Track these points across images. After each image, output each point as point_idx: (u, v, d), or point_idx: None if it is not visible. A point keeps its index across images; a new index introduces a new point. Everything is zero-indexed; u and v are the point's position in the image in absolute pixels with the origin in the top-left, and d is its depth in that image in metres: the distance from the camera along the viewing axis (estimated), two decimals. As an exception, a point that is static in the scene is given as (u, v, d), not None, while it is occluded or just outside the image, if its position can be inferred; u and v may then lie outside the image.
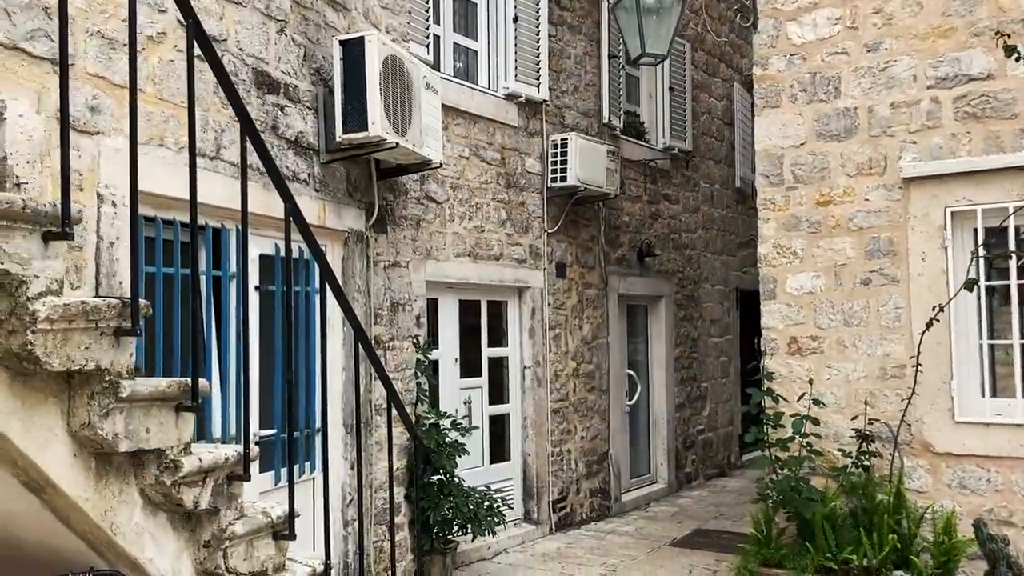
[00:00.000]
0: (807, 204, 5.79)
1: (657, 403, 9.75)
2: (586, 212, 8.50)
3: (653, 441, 9.76)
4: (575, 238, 8.34)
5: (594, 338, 8.52)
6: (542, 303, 7.81)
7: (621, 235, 9.05)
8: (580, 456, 8.24)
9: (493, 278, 7.27)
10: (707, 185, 10.85)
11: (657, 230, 9.71)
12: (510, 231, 7.51)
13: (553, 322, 7.95)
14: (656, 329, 9.80)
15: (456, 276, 6.89)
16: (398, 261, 5.84)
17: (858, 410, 5.53)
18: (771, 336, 5.89)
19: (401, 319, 5.84)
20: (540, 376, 7.74)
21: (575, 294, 8.28)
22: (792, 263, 5.82)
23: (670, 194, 10.01)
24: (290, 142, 4.77)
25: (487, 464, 7.36)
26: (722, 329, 11.08)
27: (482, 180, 7.22)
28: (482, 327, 7.44)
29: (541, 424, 7.73)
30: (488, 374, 7.45)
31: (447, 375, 7.00)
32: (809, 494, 5.18)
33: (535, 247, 7.79)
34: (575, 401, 8.21)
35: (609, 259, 8.82)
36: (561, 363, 8.03)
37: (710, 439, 10.68)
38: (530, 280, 7.68)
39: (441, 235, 6.77)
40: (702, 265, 10.64)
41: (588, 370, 8.41)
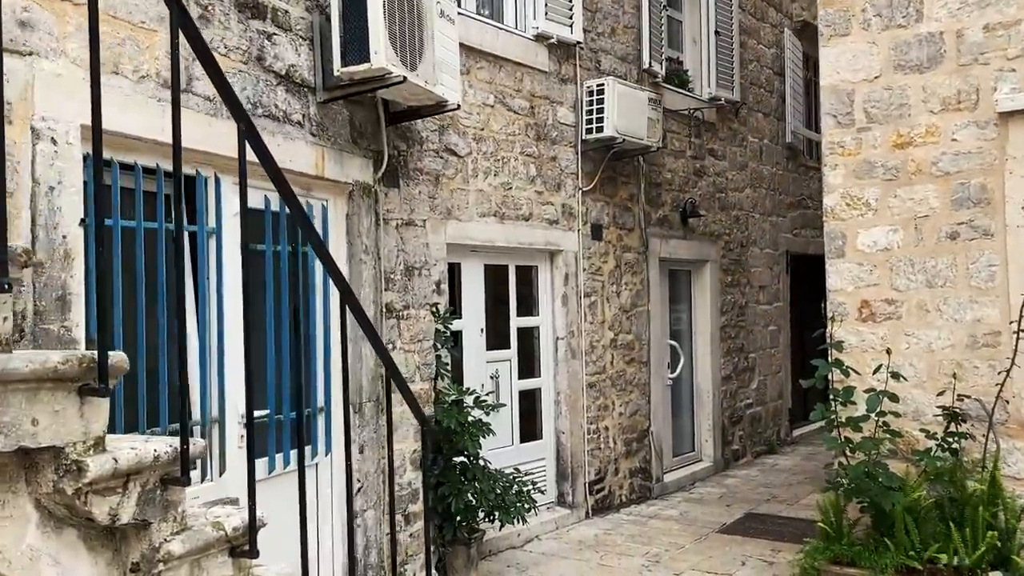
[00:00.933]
0: (882, 147, 5.01)
1: (701, 376, 9.03)
2: (624, 168, 7.76)
3: (697, 416, 9.06)
4: (612, 197, 7.61)
5: (633, 306, 7.82)
6: (576, 268, 7.12)
7: (663, 194, 8.30)
8: (618, 434, 7.57)
9: (522, 240, 6.59)
10: (755, 140, 10.01)
11: (702, 188, 8.93)
12: (540, 189, 6.81)
13: (588, 289, 7.26)
14: (700, 296, 9.05)
15: (480, 238, 6.22)
16: (413, 220, 5.19)
17: (944, 384, 4.78)
18: (839, 300, 5.14)
19: (417, 285, 5.20)
20: (574, 347, 7.07)
21: (612, 258, 7.57)
22: (864, 216, 5.05)
23: (716, 149, 9.21)
24: (280, 77, 4.11)
25: (517, 443, 6.73)
26: (771, 296, 10.29)
27: (509, 132, 6.51)
28: (510, 294, 6.78)
29: (576, 400, 7.07)
30: (517, 346, 6.80)
31: (472, 347, 6.36)
32: (888, 481, 4.45)
33: (568, 206, 7.08)
34: (612, 374, 7.53)
35: (650, 220, 8.08)
36: (597, 333, 7.35)
37: (758, 414, 9.95)
38: (563, 243, 6.99)
39: (463, 192, 6.10)
40: (750, 227, 9.84)
41: (627, 341, 7.72)
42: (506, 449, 6.58)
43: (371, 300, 4.68)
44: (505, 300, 6.75)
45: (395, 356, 4.91)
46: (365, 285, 4.65)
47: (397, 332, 4.97)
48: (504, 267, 6.73)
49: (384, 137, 4.80)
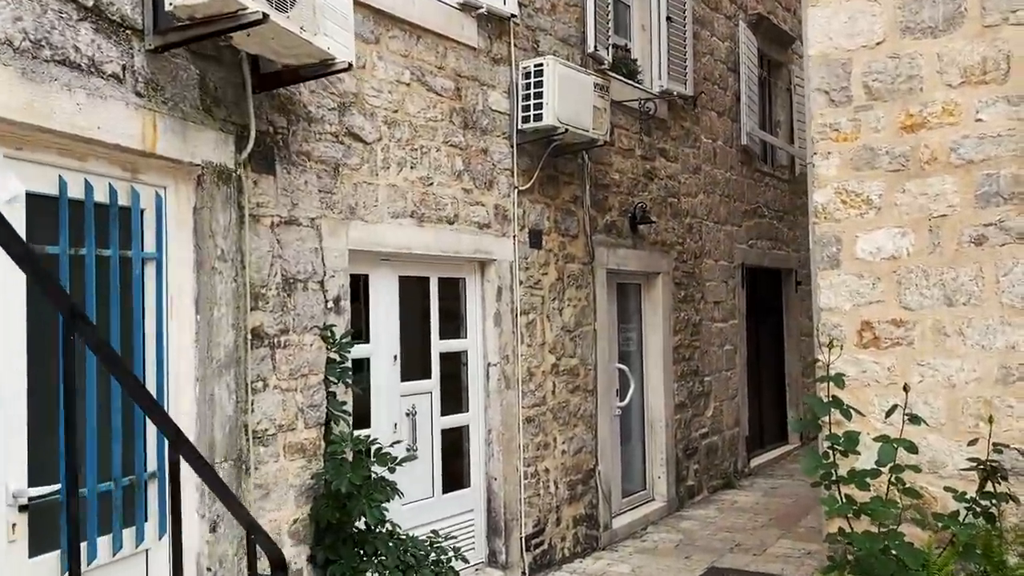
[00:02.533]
0: (887, 130, 4.03)
1: (653, 403, 8.00)
2: (567, 166, 6.70)
3: (649, 450, 8.01)
4: (554, 198, 6.54)
5: (577, 325, 6.74)
6: (511, 281, 6.01)
7: (610, 197, 7.27)
8: (561, 476, 6.47)
9: (446, 248, 5.45)
10: (709, 141, 9.08)
11: (652, 192, 7.93)
12: (468, 186, 5.69)
13: (526, 305, 6.16)
14: (652, 313, 8.04)
15: (394, 244, 5.07)
16: (296, 218, 4.02)
17: (968, 428, 3.80)
18: (833, 321, 4.13)
19: (302, 302, 4.02)
20: (509, 375, 5.95)
21: (554, 269, 6.49)
22: (865, 215, 4.06)
23: (667, 150, 8.23)
24: (85, 9, 2.91)
25: (439, 494, 5.56)
26: (726, 312, 9.35)
27: (429, 116, 5.39)
28: (432, 313, 5.63)
29: (510, 438, 5.94)
30: (440, 375, 5.65)
31: (382, 378, 5.18)
32: (910, 558, 3.43)
33: (502, 208, 5.98)
34: (554, 406, 6.43)
35: (596, 226, 7.03)
36: (536, 358, 6.25)
37: (715, 444, 8.96)
38: (496, 251, 5.88)
39: (371, 187, 4.94)
40: (704, 236, 8.89)
41: (570, 366, 6.63)
42: (424, 503, 5.41)
43: (229, 323, 3.49)
44: (426, 320, 5.61)
45: (267, 397, 3.72)
46: (220, 303, 3.45)
47: (271, 365, 3.78)
48: (424, 280, 5.59)
49: (251, 106, 3.62)
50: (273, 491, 3.79)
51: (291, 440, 3.92)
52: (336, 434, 4.09)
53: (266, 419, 3.77)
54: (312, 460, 4.06)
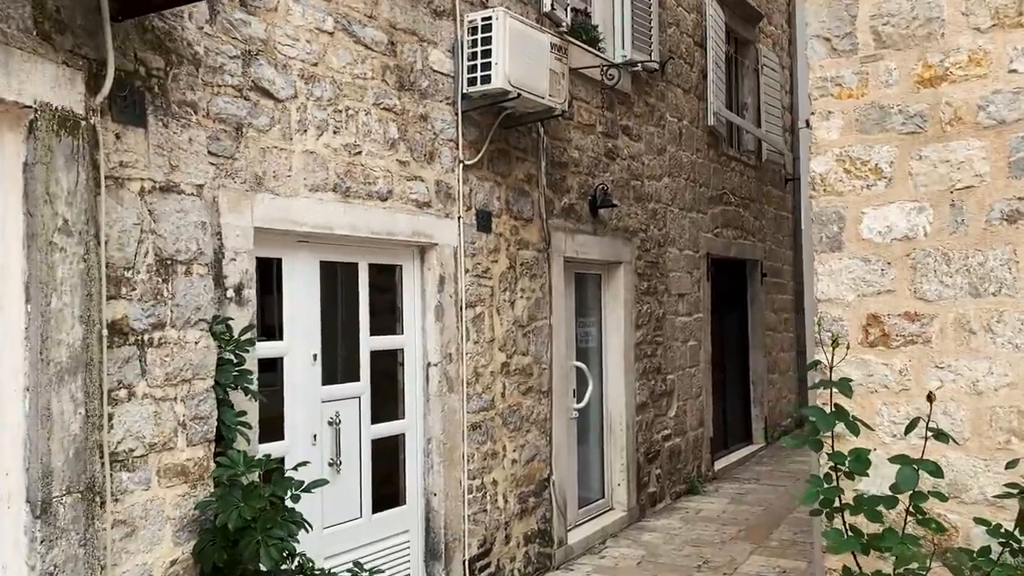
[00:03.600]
0: (900, 84, 3.36)
1: (613, 404, 7.32)
2: (521, 139, 5.96)
3: (608, 455, 7.33)
4: (505, 176, 5.79)
5: (531, 320, 6.01)
6: (456, 269, 5.26)
7: (568, 177, 6.55)
8: (511, 488, 5.74)
9: (378, 228, 4.68)
10: (675, 120, 8.42)
11: (614, 174, 7.23)
12: (405, 157, 4.92)
13: (473, 297, 5.41)
14: (613, 306, 7.35)
15: (312, 223, 4.28)
16: (176, 183, 3.22)
17: (999, 444, 3.16)
18: (833, 314, 3.46)
19: (184, 290, 3.22)
20: (452, 376, 5.20)
21: (505, 256, 5.75)
22: (873, 187, 3.39)
23: (631, 127, 7.54)
24: None
25: (368, 515, 4.79)
26: (691, 306, 8.71)
27: (357, 73, 4.60)
28: (361, 305, 4.85)
29: (453, 447, 5.20)
30: (372, 377, 4.87)
31: (299, 381, 4.39)
32: (937, 609, 2.77)
33: (445, 185, 5.22)
34: (504, 410, 5.70)
35: (552, 209, 6.30)
36: (484, 356, 5.51)
37: (678, 447, 8.32)
38: (438, 234, 5.12)
39: (283, 154, 4.15)
40: (668, 223, 8.22)
41: (523, 365, 5.90)
42: (350, 526, 4.64)
43: (75, 314, 2.68)
44: (354, 313, 4.83)
45: (133, 409, 2.93)
46: (63, 289, 2.64)
47: (139, 368, 2.97)
48: (352, 266, 4.81)
49: (109, 36, 2.80)
50: (142, 528, 2.99)
51: (168, 462, 3.13)
52: (231, 452, 3.29)
53: (132, 437, 2.96)
54: (197, 485, 3.26)
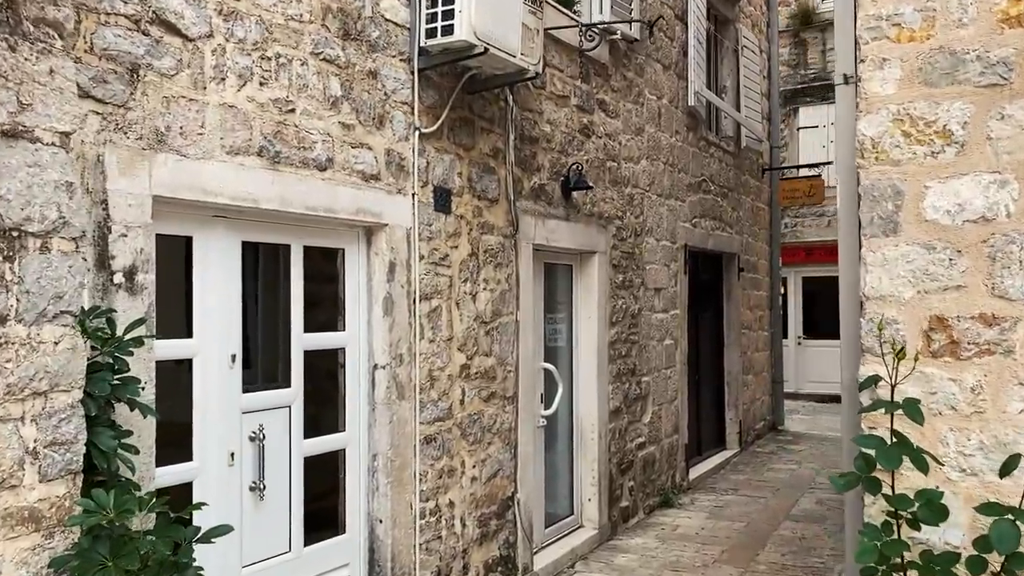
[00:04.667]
0: (979, 23, 2.65)
1: (584, 410, 6.58)
2: (487, 108, 5.17)
3: (578, 467, 6.60)
4: (468, 149, 5.00)
5: (496, 315, 5.24)
6: (409, 255, 4.46)
7: (539, 154, 5.78)
8: (469, 510, 4.97)
9: (315, 204, 3.86)
10: (654, 98, 7.69)
11: (589, 153, 6.48)
12: (350, 120, 4.10)
13: (429, 288, 4.61)
14: (586, 300, 6.60)
15: (232, 193, 3.45)
16: (25, 127, 2.37)
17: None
18: (887, 315, 2.74)
19: (34, 271, 2.38)
20: (403, 381, 4.40)
21: (466, 242, 4.96)
22: (940, 155, 2.68)
23: (607, 103, 6.79)
24: None
25: (299, 547, 3.97)
26: (667, 301, 8.01)
27: (291, 14, 3.77)
28: (293, 295, 4.02)
29: (403, 465, 4.41)
30: (305, 382, 4.05)
31: (214, 389, 3.56)
32: None
33: (398, 156, 4.41)
34: (463, 420, 4.92)
35: (520, 190, 5.53)
36: (441, 357, 4.72)
37: (652, 456, 7.63)
38: (388, 213, 4.31)
39: (194, 105, 3.31)
40: (646, 210, 7.50)
41: (486, 367, 5.13)
42: (278, 561, 3.82)
43: None
44: (285, 305, 4.00)
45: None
46: None
47: (-46, 381, 2.12)
48: (283, 248, 3.98)
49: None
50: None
51: (9, 504, 2.29)
52: (95, 492, 2.46)
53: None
54: (55, 534, 2.43)
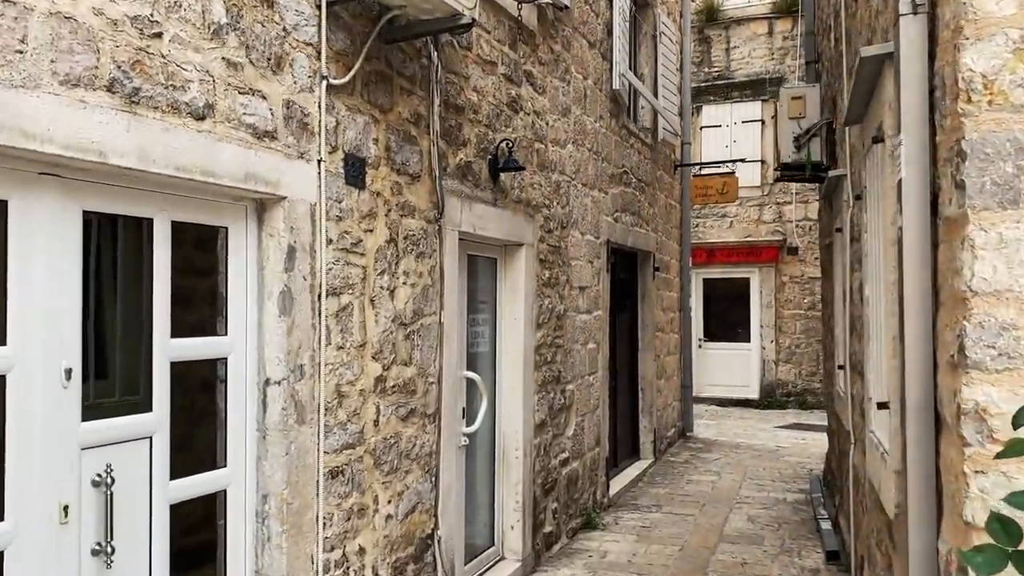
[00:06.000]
0: None
1: (508, 425, 5.74)
2: (407, 63, 4.24)
3: (500, 491, 5.75)
4: (386, 111, 4.06)
5: (417, 315, 4.32)
6: (314, 237, 3.49)
7: (465, 125, 4.89)
8: (383, 556, 4.03)
9: (187, 163, 2.84)
10: (580, 77, 6.94)
11: (518, 131, 5.65)
12: (237, 56, 3.11)
13: (338, 281, 3.65)
14: (511, 299, 5.76)
15: (66, 139, 2.41)
16: None
17: None
18: (994, 318, 2.01)
19: None
20: (304, 400, 3.43)
21: (384, 225, 4.02)
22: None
23: (535, 76, 5.98)
24: None
25: (161, 631, 2.95)
26: (591, 301, 7.28)
27: (158, -98, 2.75)
28: (156, 288, 2.98)
29: (303, 507, 3.43)
30: (173, 404, 3.02)
31: (39, 416, 2.50)
32: None
33: (300, 110, 3.44)
34: (377, 445, 3.97)
35: (445, 166, 4.63)
36: (352, 368, 3.76)
37: (575, 472, 6.87)
38: (286, 182, 3.33)
39: (9, 10, 2.27)
40: (572, 200, 6.74)
41: (405, 378, 4.20)
42: (127, 658, 2.79)
43: None
44: (145, 301, 2.96)
45: None
46: None
47: None
48: (142, 223, 2.94)
49: None
50: None
51: None
52: None
53: None
54: None
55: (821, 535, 6.44)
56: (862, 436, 4.74)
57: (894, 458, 3.02)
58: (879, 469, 3.48)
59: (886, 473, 3.25)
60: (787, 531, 6.79)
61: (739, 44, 15.33)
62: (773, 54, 15.10)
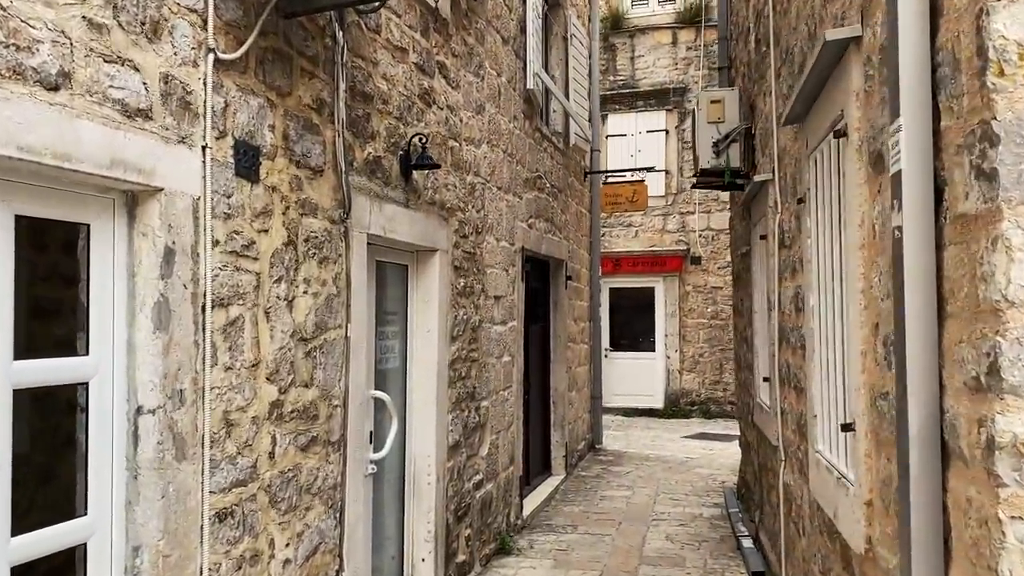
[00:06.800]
0: None
1: (420, 448, 5.26)
2: (310, 42, 3.74)
3: (411, 520, 5.25)
4: (284, 95, 3.55)
5: (319, 329, 3.80)
6: (197, 238, 2.94)
7: (374, 117, 4.41)
8: (283, 607, 3.49)
9: (36, 143, 2.28)
10: (494, 73, 6.56)
11: (431, 126, 5.20)
12: (103, 16, 2.55)
13: (227, 289, 3.11)
14: (423, 310, 5.29)
15: None
16: None
17: None
18: None
19: None
20: (185, 431, 2.87)
21: (281, 225, 3.50)
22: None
23: (448, 68, 5.55)
24: None
25: None
26: (506, 312, 6.88)
27: None
28: (1, 298, 2.40)
29: (183, 559, 2.87)
30: (14, 437, 2.43)
31: None
32: None
33: (181, 86, 2.89)
34: (273, 480, 3.44)
35: (352, 160, 4.13)
36: (242, 392, 3.22)
37: (489, 495, 6.44)
38: (164, 171, 2.78)
39: None
40: (487, 204, 6.34)
41: (305, 402, 3.68)
42: None
43: None
44: (-21, 312, 2.36)
45: None
46: None
47: None
48: (-23, 218, 2.35)
49: None
50: None
51: None
52: None
53: None
54: None
55: (743, 554, 6.22)
56: (797, 454, 4.50)
57: (863, 487, 2.72)
58: (835, 496, 3.19)
59: (848, 501, 2.95)
60: (708, 550, 6.55)
61: (644, 53, 15.32)
62: (677, 64, 15.14)
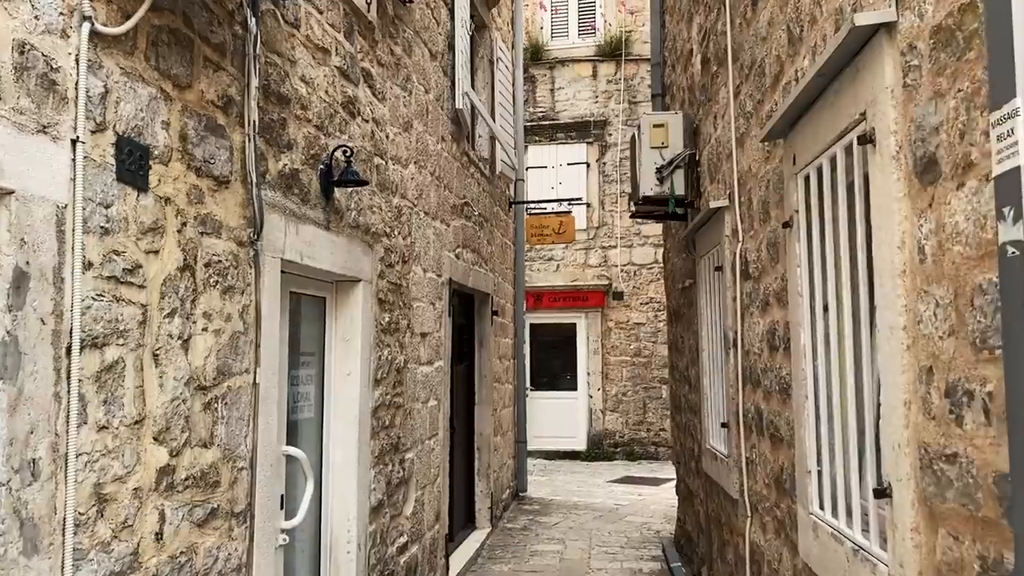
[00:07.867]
0: None
1: (339, 511, 4.53)
2: (215, 27, 3.08)
3: (328, 594, 4.50)
4: (183, 86, 2.86)
5: (223, 375, 3.08)
6: (62, 257, 2.22)
7: (291, 123, 3.75)
8: None
9: None
10: (422, 89, 5.98)
11: (355, 140, 4.56)
12: (-77, -46, 1.84)
13: (102, 325, 2.39)
14: (343, 350, 4.60)
15: None
16: None
17: None
18: None
19: None
20: (37, 514, 2.13)
21: (176, 245, 2.79)
22: None
23: (374, 77, 4.94)
24: None
25: None
26: (432, 350, 6.23)
27: None
28: None
29: None
30: None
31: None
32: None
33: (43, 59, 2.19)
34: (162, 568, 2.69)
35: (265, 172, 3.46)
36: (121, 458, 2.48)
37: (414, 559, 5.72)
38: (16, 169, 2.07)
39: None
40: (414, 230, 5.71)
41: (204, 465, 2.94)
42: None
43: None
44: None
45: None
46: None
47: None
48: None
49: None
50: None
51: None
52: None
53: None
54: None
55: (695, 615, 5.69)
56: (774, 512, 4.00)
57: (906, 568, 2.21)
58: (852, 572, 2.68)
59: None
60: (654, 611, 5.99)
61: (564, 85, 15.05)
62: (598, 97, 14.93)
